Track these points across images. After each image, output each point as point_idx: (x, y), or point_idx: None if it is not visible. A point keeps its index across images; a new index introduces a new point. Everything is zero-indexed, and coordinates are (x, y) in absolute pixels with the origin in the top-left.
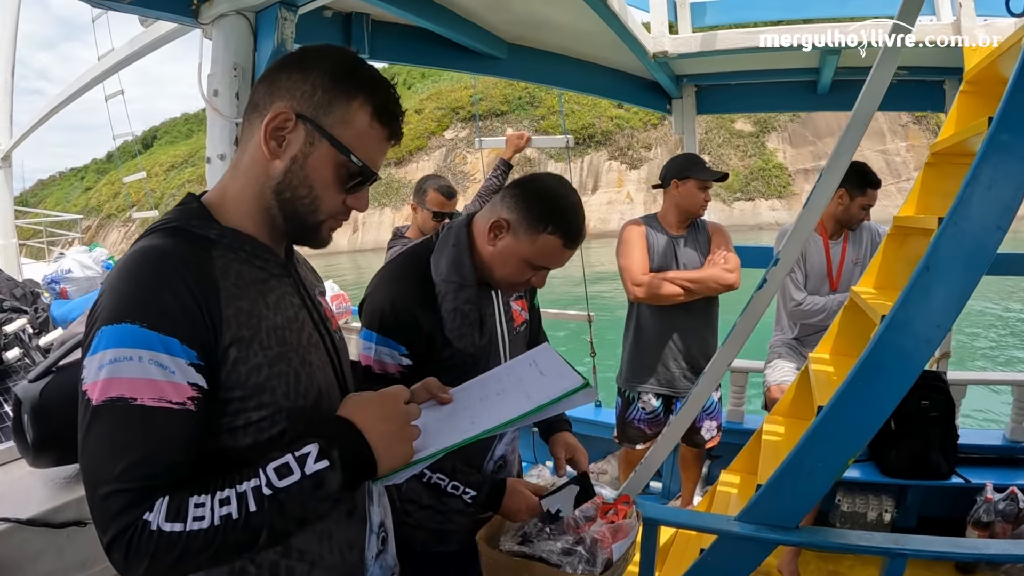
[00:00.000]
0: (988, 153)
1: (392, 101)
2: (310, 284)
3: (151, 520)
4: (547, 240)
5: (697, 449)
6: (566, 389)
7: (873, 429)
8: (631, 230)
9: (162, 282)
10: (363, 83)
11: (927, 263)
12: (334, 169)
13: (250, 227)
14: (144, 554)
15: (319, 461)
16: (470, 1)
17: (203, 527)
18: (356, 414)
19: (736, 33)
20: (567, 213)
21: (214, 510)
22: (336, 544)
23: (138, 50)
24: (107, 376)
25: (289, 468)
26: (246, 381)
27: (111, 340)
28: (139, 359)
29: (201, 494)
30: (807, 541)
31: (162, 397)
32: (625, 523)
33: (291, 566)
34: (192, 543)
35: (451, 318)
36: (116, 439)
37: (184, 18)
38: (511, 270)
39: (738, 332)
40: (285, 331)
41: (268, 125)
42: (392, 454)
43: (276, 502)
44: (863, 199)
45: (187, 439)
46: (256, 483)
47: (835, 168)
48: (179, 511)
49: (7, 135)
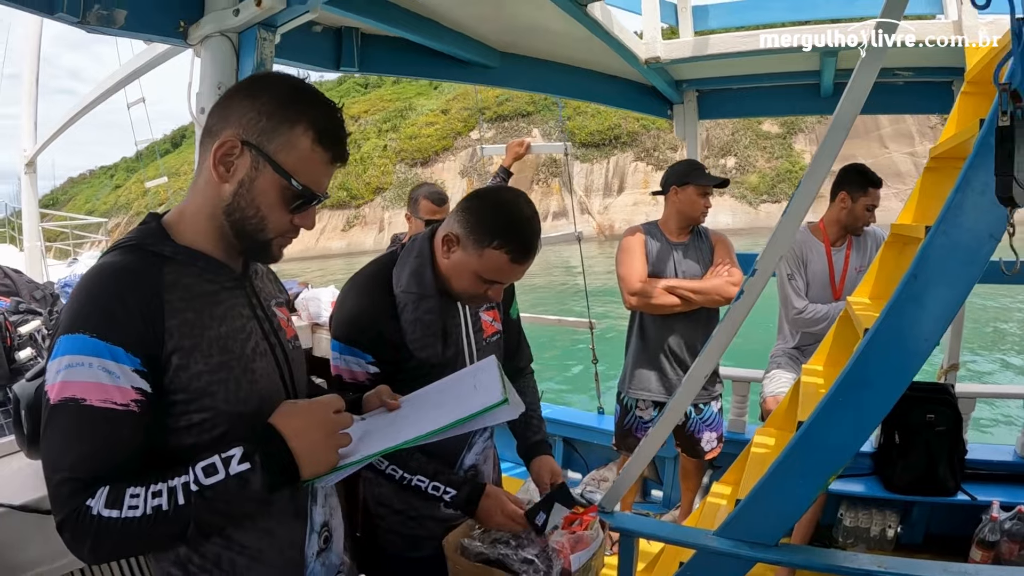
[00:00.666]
0: (980, 156)
1: (334, 126)
2: (267, 295)
3: (92, 506)
4: (493, 255)
5: (697, 460)
6: (485, 405)
7: (856, 447)
8: (629, 238)
9: (112, 297)
10: (305, 109)
11: (914, 273)
12: (279, 192)
13: (205, 244)
14: (87, 535)
15: (242, 463)
16: (458, 12)
17: (136, 515)
18: (282, 421)
19: (731, 36)
20: (515, 228)
21: (147, 501)
22: (277, 541)
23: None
24: (63, 379)
25: (215, 468)
26: (188, 386)
27: (67, 348)
28: (89, 365)
29: (138, 486)
30: (786, 560)
31: (108, 399)
32: (586, 534)
33: (233, 559)
34: (127, 529)
35: (411, 328)
36: (69, 434)
37: (174, 39)
38: (465, 284)
39: (715, 344)
40: (228, 340)
41: (216, 152)
42: (315, 460)
43: (202, 498)
44: (866, 199)
45: (130, 436)
46: (186, 480)
47: (816, 174)
48: (116, 500)
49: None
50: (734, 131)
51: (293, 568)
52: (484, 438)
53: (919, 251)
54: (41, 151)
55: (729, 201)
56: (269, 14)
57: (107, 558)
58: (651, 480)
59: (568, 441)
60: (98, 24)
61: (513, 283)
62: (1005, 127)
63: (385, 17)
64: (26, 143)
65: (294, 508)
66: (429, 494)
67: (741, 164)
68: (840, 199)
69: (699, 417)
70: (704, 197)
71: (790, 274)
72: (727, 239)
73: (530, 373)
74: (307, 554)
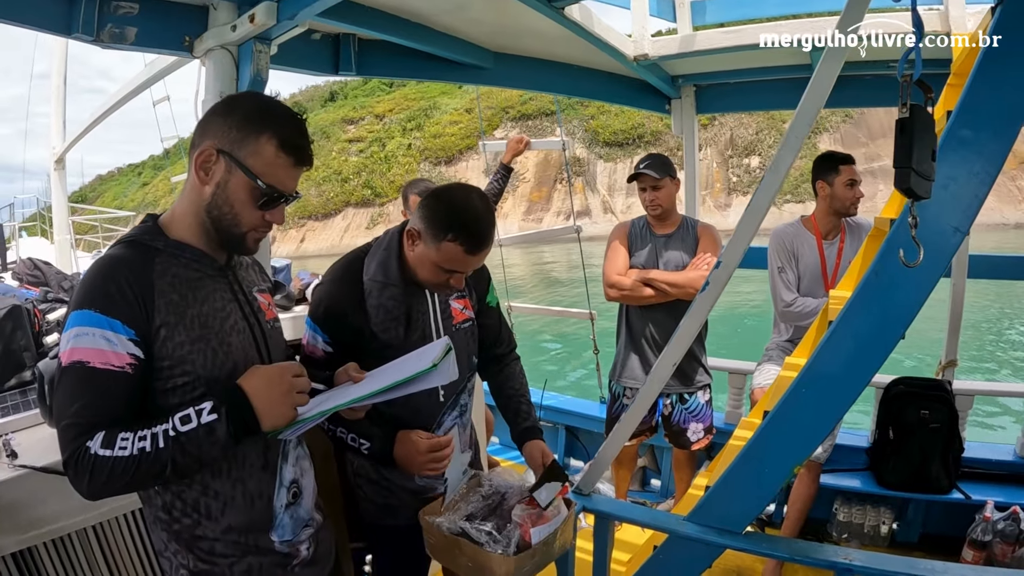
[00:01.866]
0: (947, 149)
1: (295, 135)
2: (249, 283)
3: (91, 447)
4: (449, 247)
5: (686, 451)
6: (416, 371)
7: (819, 437)
8: (613, 232)
9: (111, 280)
10: (269, 122)
11: (875, 269)
12: (248, 192)
13: (192, 239)
14: (85, 471)
15: (210, 414)
16: (446, 17)
17: (124, 455)
18: (246, 381)
19: (718, 32)
20: (467, 223)
21: (134, 443)
22: (247, 490)
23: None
24: (72, 346)
25: (189, 418)
26: (172, 354)
27: (76, 321)
28: (92, 335)
29: (128, 432)
30: (751, 548)
31: (107, 362)
32: (547, 511)
33: (208, 503)
34: (117, 466)
35: (375, 313)
36: (75, 389)
37: (180, 52)
38: (427, 274)
39: (682, 334)
40: (208, 318)
41: (197, 159)
42: (273, 414)
43: (178, 443)
44: (841, 177)
45: (124, 392)
46: (166, 427)
47: (778, 168)
48: (110, 441)
49: (60, 140)
50: (758, 130)
51: (261, 515)
52: (453, 416)
53: (882, 246)
54: (69, 149)
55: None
56: (262, 29)
57: (100, 493)
58: (650, 469)
59: (571, 429)
60: (111, 41)
61: (488, 273)
62: (904, 119)
63: (378, 25)
64: (55, 141)
65: (263, 462)
66: (349, 445)
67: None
68: (820, 189)
69: (684, 407)
70: (643, 191)
71: (780, 267)
72: (713, 230)
73: (515, 359)
74: (275, 505)
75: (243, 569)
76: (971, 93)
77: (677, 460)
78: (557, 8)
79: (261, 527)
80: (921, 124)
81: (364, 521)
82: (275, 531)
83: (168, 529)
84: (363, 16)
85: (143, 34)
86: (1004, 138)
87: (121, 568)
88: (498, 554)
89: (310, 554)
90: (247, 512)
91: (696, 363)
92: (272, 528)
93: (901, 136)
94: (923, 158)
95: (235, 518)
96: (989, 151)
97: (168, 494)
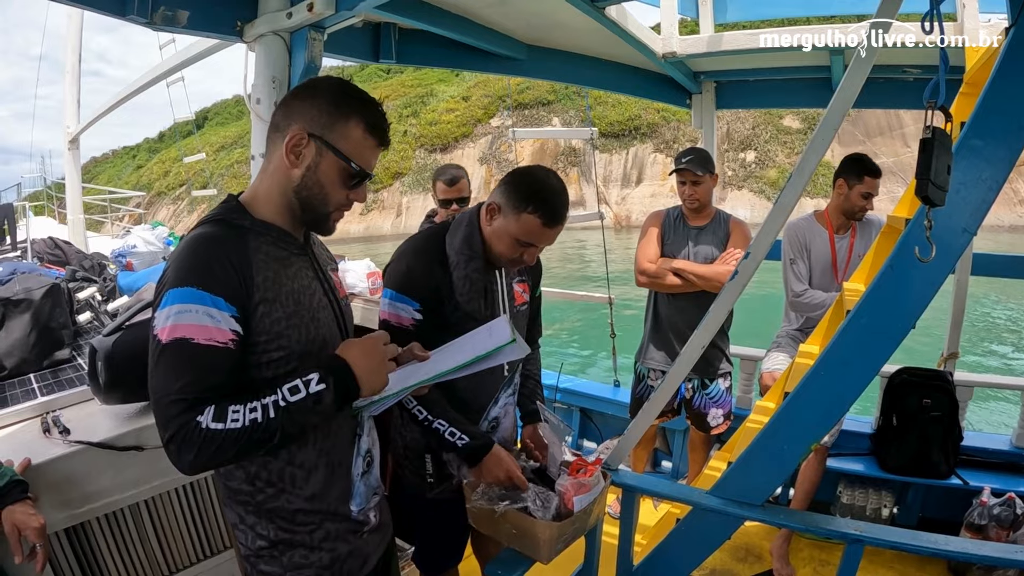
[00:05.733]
0: (959, 157)
1: (379, 118)
2: (324, 261)
3: (201, 421)
4: (528, 219)
5: (705, 434)
6: (497, 344)
7: (835, 417)
8: (648, 219)
9: (212, 258)
10: (356, 106)
11: (891, 263)
12: (339, 173)
13: (275, 218)
14: (192, 445)
15: (319, 384)
16: (487, 11)
17: (236, 427)
18: (346, 352)
19: (743, 34)
20: (546, 196)
21: (245, 415)
22: (331, 460)
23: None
24: (173, 323)
25: (298, 388)
26: (269, 329)
27: (176, 298)
28: (195, 312)
29: (236, 404)
30: (769, 519)
31: (211, 338)
32: (588, 480)
33: (293, 473)
34: (228, 438)
35: (461, 284)
36: (179, 366)
37: (231, 37)
38: (504, 247)
39: (711, 320)
40: (300, 295)
41: (288, 143)
42: (371, 379)
43: (287, 412)
44: (861, 187)
45: (228, 367)
46: (275, 398)
47: (805, 168)
48: (221, 415)
49: (75, 120)
50: (755, 125)
51: (341, 484)
52: (507, 394)
53: (898, 243)
54: (85, 129)
55: (748, 195)
56: (319, 18)
57: (207, 466)
58: (661, 451)
59: (585, 411)
60: (163, 23)
61: (541, 267)
62: (927, 139)
63: (420, 15)
64: (69, 121)
65: (348, 432)
66: (445, 439)
67: (761, 159)
68: (838, 186)
69: (705, 392)
70: (682, 185)
71: (792, 259)
72: (744, 225)
73: (537, 346)
74: (353, 473)
75: (322, 536)
76: (984, 107)
77: (693, 442)
78: (599, 8)
79: (341, 495)
80: (940, 144)
81: (405, 493)
82: (353, 500)
83: (250, 501)
84: (410, 7)
85: (195, 17)
86: (1011, 148)
87: (172, 543)
88: (542, 520)
89: (376, 521)
90: (329, 481)
91: (719, 351)
92: (351, 497)
93: (923, 154)
94: (940, 172)
95: (318, 487)
96: (997, 159)
97: (254, 466)
